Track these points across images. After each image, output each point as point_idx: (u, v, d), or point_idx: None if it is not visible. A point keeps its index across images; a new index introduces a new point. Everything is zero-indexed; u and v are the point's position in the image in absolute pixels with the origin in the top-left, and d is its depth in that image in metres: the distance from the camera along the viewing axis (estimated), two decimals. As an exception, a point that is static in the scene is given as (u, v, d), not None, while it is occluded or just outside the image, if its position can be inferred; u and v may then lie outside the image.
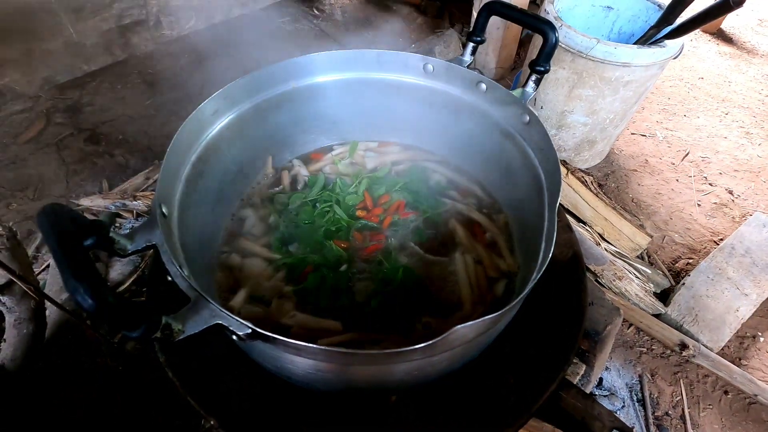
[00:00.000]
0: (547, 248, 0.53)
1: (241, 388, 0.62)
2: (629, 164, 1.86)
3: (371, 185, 0.84)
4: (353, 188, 0.82)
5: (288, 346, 0.46)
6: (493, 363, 0.63)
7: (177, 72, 2.01)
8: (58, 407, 1.02)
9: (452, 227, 0.79)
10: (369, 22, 2.38)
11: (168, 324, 0.43)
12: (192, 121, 0.65)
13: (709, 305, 1.35)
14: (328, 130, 0.88)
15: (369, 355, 0.46)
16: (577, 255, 0.77)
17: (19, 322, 0.97)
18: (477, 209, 0.82)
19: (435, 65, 0.79)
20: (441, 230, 0.79)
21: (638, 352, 1.33)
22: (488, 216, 0.81)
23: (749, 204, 1.73)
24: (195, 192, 0.66)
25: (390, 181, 0.85)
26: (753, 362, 1.32)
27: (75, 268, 0.36)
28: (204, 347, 0.63)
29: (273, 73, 0.75)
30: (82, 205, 1.45)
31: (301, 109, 0.81)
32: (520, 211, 0.75)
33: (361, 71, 0.80)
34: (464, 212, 0.81)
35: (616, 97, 1.50)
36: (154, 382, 1.07)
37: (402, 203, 0.81)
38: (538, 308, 0.66)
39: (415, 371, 0.54)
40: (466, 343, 0.51)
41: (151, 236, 0.51)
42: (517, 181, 0.74)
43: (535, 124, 0.68)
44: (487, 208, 0.83)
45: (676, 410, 1.22)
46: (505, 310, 0.47)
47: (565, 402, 0.62)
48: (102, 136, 1.73)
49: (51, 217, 0.40)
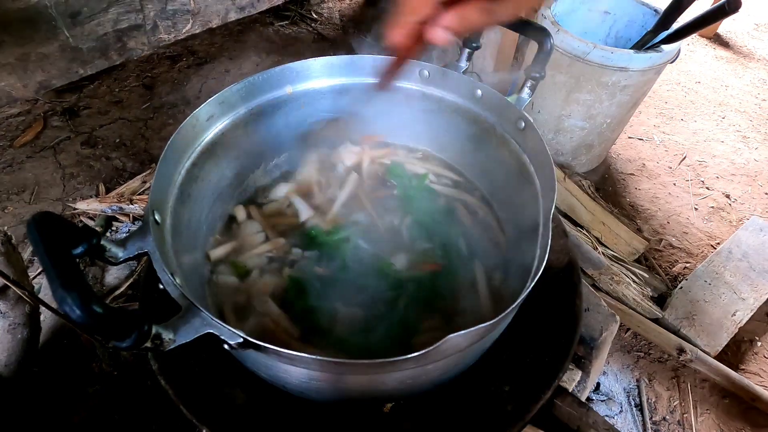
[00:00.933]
0: (541, 257, 0.53)
1: (235, 396, 0.61)
2: (626, 168, 1.86)
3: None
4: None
5: (280, 355, 0.46)
6: (488, 371, 0.63)
7: (174, 75, 2.01)
8: (54, 413, 1.01)
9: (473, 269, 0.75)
10: (367, 26, 2.38)
11: (158, 333, 0.42)
12: (187, 126, 0.65)
13: (707, 309, 1.35)
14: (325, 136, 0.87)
15: (362, 364, 0.46)
16: (573, 261, 0.77)
17: (13, 327, 0.97)
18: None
19: (431, 71, 0.79)
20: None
21: (636, 357, 1.33)
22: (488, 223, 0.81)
23: (746, 208, 1.73)
24: (189, 198, 0.66)
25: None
26: (750, 366, 1.32)
27: (63, 278, 0.35)
28: (198, 354, 0.63)
29: (269, 78, 0.75)
30: (79, 209, 1.45)
31: (297, 114, 0.81)
32: (515, 217, 0.75)
33: (356, 76, 0.80)
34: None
35: (614, 102, 1.50)
36: (150, 387, 1.07)
37: (432, 266, 0.75)
38: (533, 315, 0.66)
39: (409, 380, 0.54)
40: (460, 351, 0.50)
41: (144, 243, 0.51)
42: (512, 188, 0.73)
43: (531, 130, 0.68)
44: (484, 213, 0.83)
45: (674, 415, 1.22)
46: (499, 318, 0.47)
47: (560, 410, 0.62)
48: (99, 140, 1.73)
49: (40, 225, 0.39)
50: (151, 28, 1.05)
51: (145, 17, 1.01)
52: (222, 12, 1.20)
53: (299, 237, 0.77)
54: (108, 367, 1.13)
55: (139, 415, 1.03)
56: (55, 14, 0.87)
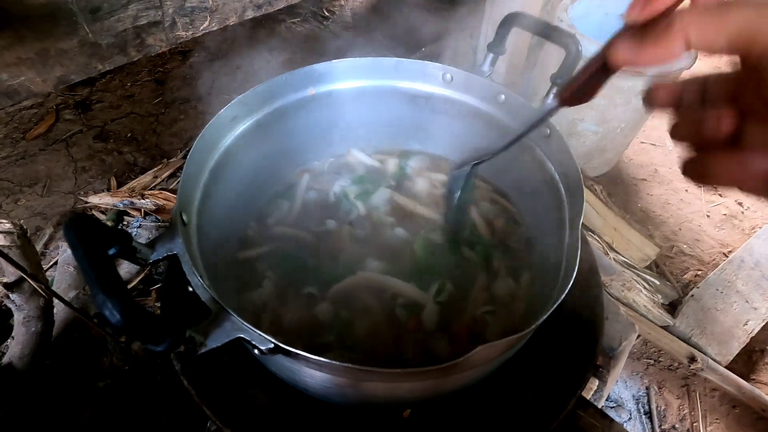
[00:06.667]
0: (570, 266, 0.53)
1: (256, 398, 0.61)
2: (638, 173, 1.85)
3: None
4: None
5: (309, 361, 0.46)
6: (510, 379, 0.62)
7: (186, 71, 2.01)
8: (67, 407, 1.02)
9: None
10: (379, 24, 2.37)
11: (191, 337, 0.42)
12: (211, 127, 0.65)
13: (718, 318, 1.34)
14: (346, 137, 0.87)
15: (389, 373, 0.46)
16: (593, 268, 0.76)
17: (27, 320, 0.97)
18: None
19: (454, 75, 0.79)
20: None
21: (645, 364, 1.32)
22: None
23: (759, 216, 1.72)
24: (211, 199, 0.66)
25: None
26: (761, 377, 1.31)
27: (103, 282, 0.35)
28: (220, 356, 0.63)
29: (291, 79, 0.75)
30: (91, 203, 1.45)
31: (320, 116, 0.80)
32: (539, 224, 0.75)
33: (379, 79, 0.80)
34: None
35: (628, 107, 1.49)
36: (160, 382, 1.07)
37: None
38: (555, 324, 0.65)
39: (432, 387, 0.54)
40: (487, 362, 0.50)
41: (172, 245, 0.51)
42: (535, 194, 0.73)
43: (556, 137, 0.68)
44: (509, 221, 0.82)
45: (683, 424, 1.21)
46: (530, 329, 0.47)
47: (583, 420, 0.62)
48: (111, 134, 1.73)
49: (77, 227, 0.39)
50: (170, 24, 1.05)
51: (164, 14, 1.01)
52: (239, 10, 1.19)
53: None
54: (119, 362, 1.14)
55: (149, 410, 1.04)
56: (75, 10, 0.86)
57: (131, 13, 0.92)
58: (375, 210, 0.82)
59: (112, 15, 0.90)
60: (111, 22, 0.91)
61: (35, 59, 0.85)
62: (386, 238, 0.79)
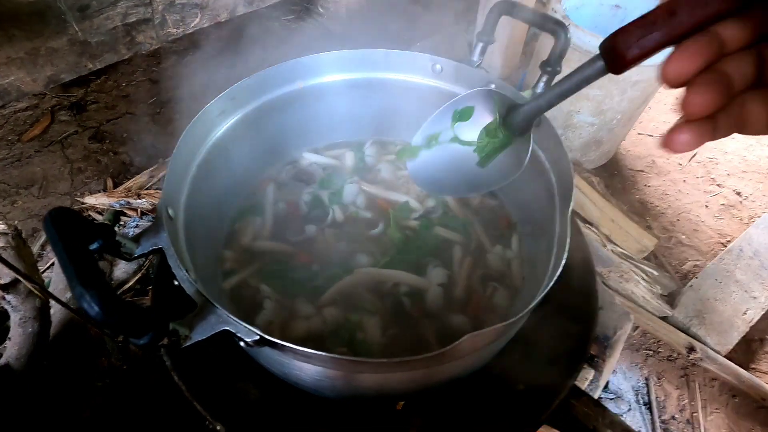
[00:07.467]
0: (559, 254, 0.52)
1: (248, 392, 0.61)
2: (636, 165, 1.84)
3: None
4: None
5: (296, 353, 0.46)
6: (502, 370, 0.62)
7: (180, 70, 2.00)
8: (65, 407, 1.02)
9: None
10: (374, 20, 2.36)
11: (175, 330, 0.42)
12: (198, 121, 0.64)
13: (717, 308, 1.33)
14: (335, 129, 0.87)
15: (378, 363, 0.46)
16: (587, 259, 0.76)
17: (24, 320, 0.97)
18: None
19: (444, 65, 0.78)
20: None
21: (644, 355, 1.32)
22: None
23: (757, 206, 1.71)
24: (200, 193, 0.65)
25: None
26: (761, 366, 1.31)
27: (81, 275, 0.35)
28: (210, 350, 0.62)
29: (280, 73, 0.74)
30: (87, 203, 1.45)
31: (308, 109, 0.80)
32: (527, 214, 0.74)
33: (368, 71, 0.79)
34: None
35: (624, 97, 1.48)
36: (159, 381, 1.07)
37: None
38: (548, 314, 0.65)
39: (422, 378, 0.53)
40: (476, 351, 0.50)
41: (158, 239, 0.51)
42: (524, 183, 0.72)
43: (546, 126, 0.67)
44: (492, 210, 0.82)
45: (683, 414, 1.21)
46: (516, 319, 0.46)
47: (577, 410, 0.62)
48: (106, 134, 1.73)
49: (57, 221, 0.39)
50: (160, 22, 1.04)
51: (154, 11, 1.00)
52: (230, 6, 1.18)
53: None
54: (117, 362, 1.14)
55: (148, 409, 1.04)
56: (64, 8, 0.86)
57: (120, 11, 0.92)
58: (350, 206, 0.81)
59: (101, 13, 0.90)
60: (100, 20, 0.91)
61: (25, 58, 0.85)
62: (367, 232, 0.78)
